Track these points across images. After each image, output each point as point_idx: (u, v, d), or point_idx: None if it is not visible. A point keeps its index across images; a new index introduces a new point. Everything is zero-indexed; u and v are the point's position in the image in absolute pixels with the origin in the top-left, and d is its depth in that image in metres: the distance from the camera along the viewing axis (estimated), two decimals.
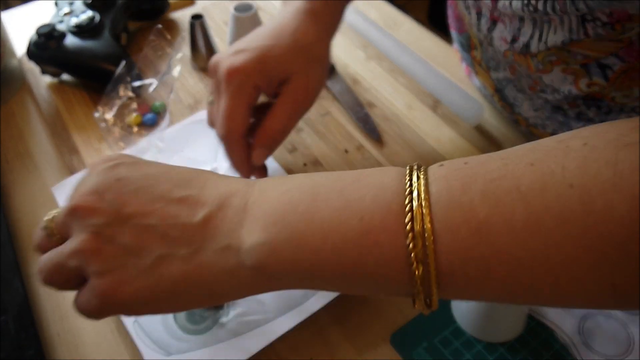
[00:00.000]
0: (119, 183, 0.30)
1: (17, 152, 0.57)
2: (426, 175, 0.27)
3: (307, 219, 0.27)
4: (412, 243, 0.25)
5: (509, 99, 0.53)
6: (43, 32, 0.57)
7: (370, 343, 0.41)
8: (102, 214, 0.29)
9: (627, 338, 0.41)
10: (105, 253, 0.29)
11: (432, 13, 1.97)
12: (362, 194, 0.27)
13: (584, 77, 0.43)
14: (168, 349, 0.39)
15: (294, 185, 0.29)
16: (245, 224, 0.29)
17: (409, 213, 0.25)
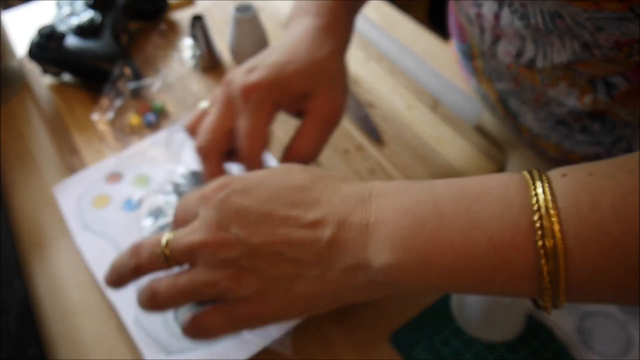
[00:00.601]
0: (239, 215, 0.31)
1: (17, 152, 0.57)
2: (551, 187, 0.27)
3: (434, 240, 0.28)
4: (544, 259, 0.25)
5: (513, 109, 0.52)
6: (43, 32, 0.57)
7: (370, 343, 0.41)
8: (234, 248, 0.31)
9: (627, 338, 0.41)
10: (244, 283, 0.31)
11: (432, 13, 1.97)
12: (488, 212, 0.27)
13: (589, 93, 0.42)
14: (168, 349, 0.39)
15: (413, 201, 0.29)
16: (370, 244, 0.29)
17: (539, 230, 0.26)
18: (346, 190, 0.32)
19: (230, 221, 0.31)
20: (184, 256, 0.33)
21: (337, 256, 0.30)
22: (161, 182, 0.50)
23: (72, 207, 0.49)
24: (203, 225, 0.32)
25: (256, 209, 0.31)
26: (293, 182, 0.33)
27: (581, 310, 0.42)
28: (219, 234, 0.31)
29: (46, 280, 0.46)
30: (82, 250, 0.46)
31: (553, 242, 0.25)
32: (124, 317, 0.41)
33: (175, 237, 0.33)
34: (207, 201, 0.33)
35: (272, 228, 0.31)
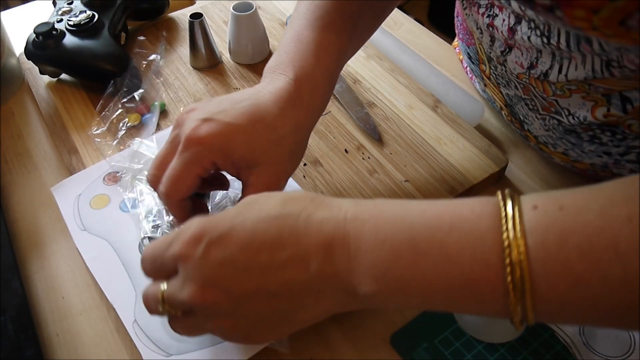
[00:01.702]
0: (223, 268, 0.32)
1: (16, 152, 0.57)
2: (522, 222, 0.28)
3: (411, 272, 0.30)
4: (512, 293, 0.28)
5: (519, 116, 0.52)
6: (41, 31, 0.57)
7: (370, 343, 0.41)
8: (226, 302, 0.32)
9: (627, 339, 0.40)
10: (242, 325, 0.33)
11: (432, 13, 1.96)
12: (461, 246, 0.29)
13: (603, 106, 0.42)
14: (168, 350, 0.39)
15: (388, 231, 0.31)
16: (354, 274, 0.31)
17: (508, 267, 0.28)
18: (321, 215, 0.32)
19: (217, 277, 0.32)
20: (181, 308, 0.34)
21: (327, 283, 0.32)
22: None
23: (71, 208, 0.49)
24: (189, 283, 0.32)
25: (237, 258, 0.32)
26: (267, 214, 0.32)
27: None
28: (207, 293, 0.32)
29: (44, 281, 0.46)
30: (80, 250, 0.46)
31: (520, 277, 0.27)
32: (123, 318, 0.41)
33: (169, 296, 0.34)
34: (186, 260, 0.32)
35: (260, 273, 0.31)
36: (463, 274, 0.29)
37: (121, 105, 0.58)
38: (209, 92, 0.60)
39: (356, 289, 0.31)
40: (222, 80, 0.62)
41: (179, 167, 0.39)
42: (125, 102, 0.58)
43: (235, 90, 0.60)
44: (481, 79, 0.56)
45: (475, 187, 0.50)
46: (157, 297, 0.34)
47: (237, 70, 0.63)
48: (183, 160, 0.38)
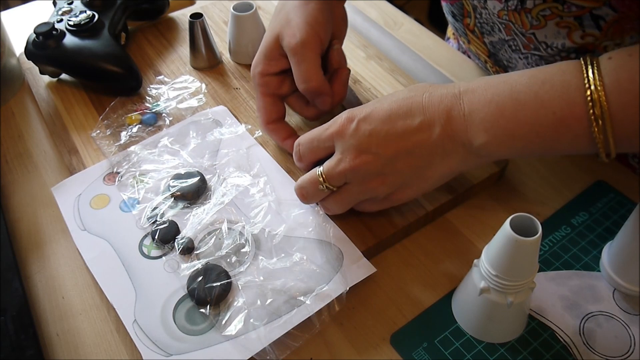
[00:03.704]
0: (371, 137, 0.41)
1: (16, 152, 0.57)
2: (599, 69, 0.36)
3: (514, 120, 0.38)
4: (594, 123, 0.36)
5: (503, 62, 0.58)
6: (41, 31, 0.57)
7: (370, 343, 0.41)
8: (377, 162, 0.41)
9: (627, 338, 0.40)
10: (389, 182, 0.42)
11: (432, 13, 1.96)
12: (552, 94, 0.37)
13: (577, 30, 0.47)
14: (168, 350, 0.39)
15: (494, 94, 0.39)
16: (469, 129, 0.40)
17: (590, 102, 0.35)
18: (440, 91, 0.41)
19: (367, 144, 0.41)
20: (339, 181, 0.43)
21: (449, 142, 0.40)
22: (159, 182, 0.50)
23: (71, 208, 0.49)
24: (347, 154, 0.42)
25: (380, 128, 0.41)
26: (397, 97, 0.42)
27: (582, 311, 0.42)
28: (363, 156, 0.41)
29: (45, 281, 0.46)
30: (80, 250, 0.46)
31: (600, 109, 0.35)
32: (123, 318, 0.41)
33: (327, 170, 0.43)
34: (342, 134, 0.42)
35: (398, 139, 0.41)
36: (555, 114, 0.37)
37: (122, 106, 0.58)
38: (209, 92, 0.60)
39: (472, 142, 0.40)
40: (222, 80, 0.62)
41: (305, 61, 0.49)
42: (125, 102, 0.58)
43: (236, 91, 0.61)
44: (465, 36, 0.61)
45: (475, 187, 0.50)
46: (315, 179, 0.43)
47: (237, 70, 0.63)
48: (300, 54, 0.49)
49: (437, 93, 0.41)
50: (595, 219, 0.48)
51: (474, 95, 0.40)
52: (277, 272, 0.43)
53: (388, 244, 0.47)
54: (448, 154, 0.41)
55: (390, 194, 0.43)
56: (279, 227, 0.46)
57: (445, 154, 0.41)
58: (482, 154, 0.40)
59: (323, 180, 0.43)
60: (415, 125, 0.40)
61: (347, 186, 0.43)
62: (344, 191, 0.44)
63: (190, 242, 0.45)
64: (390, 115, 0.41)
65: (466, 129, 0.40)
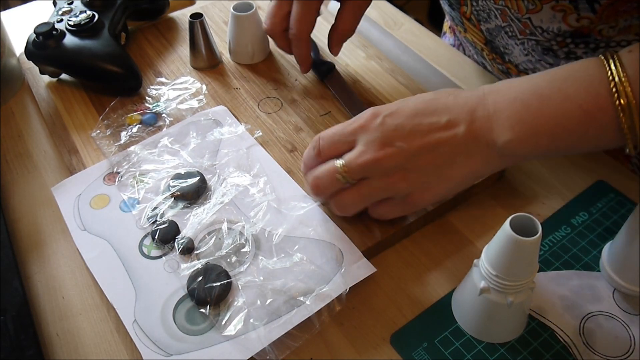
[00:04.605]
0: (396, 131, 0.41)
1: (16, 152, 0.57)
2: (621, 62, 0.36)
3: (539, 115, 0.38)
4: (621, 114, 0.36)
5: (499, 49, 0.59)
6: (41, 31, 0.57)
7: (370, 343, 0.41)
8: (400, 156, 0.41)
9: (627, 338, 0.40)
10: (410, 180, 0.41)
11: (432, 13, 1.96)
12: (576, 88, 0.37)
13: (572, 13, 0.48)
14: (168, 350, 0.39)
15: (518, 91, 0.40)
16: (494, 128, 0.40)
17: (615, 94, 0.35)
18: (465, 94, 0.42)
19: (391, 137, 0.41)
20: (359, 173, 0.42)
21: (472, 142, 0.40)
22: (159, 182, 0.50)
23: (71, 207, 0.49)
24: (370, 146, 0.41)
25: (407, 123, 0.41)
26: (424, 98, 0.43)
27: (582, 311, 0.42)
28: (386, 149, 0.41)
29: (45, 281, 0.46)
30: (80, 250, 0.46)
31: (626, 100, 0.35)
32: (123, 318, 0.41)
33: (348, 161, 0.42)
34: (367, 128, 0.42)
35: (423, 135, 0.41)
36: (581, 108, 0.37)
37: (122, 106, 0.58)
38: (209, 92, 0.60)
39: (496, 142, 0.39)
40: (222, 80, 0.62)
41: (301, 8, 0.52)
42: (125, 103, 0.58)
43: (236, 91, 0.61)
44: (461, 24, 0.62)
45: (475, 187, 0.50)
46: (333, 170, 0.42)
47: (237, 70, 0.63)
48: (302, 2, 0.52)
49: (462, 95, 0.42)
50: (595, 219, 0.48)
51: (499, 94, 0.40)
52: (277, 272, 0.43)
53: (388, 244, 0.47)
54: (471, 155, 0.41)
55: (408, 194, 0.42)
56: (279, 227, 0.46)
57: (468, 154, 0.41)
58: (506, 152, 0.40)
59: (342, 172, 0.42)
60: (440, 123, 0.41)
61: (366, 180, 0.42)
62: (363, 185, 0.43)
63: (190, 242, 0.45)
64: (417, 113, 0.42)
65: (491, 128, 0.40)
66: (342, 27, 0.55)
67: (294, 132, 0.55)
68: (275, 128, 0.56)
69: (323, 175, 0.43)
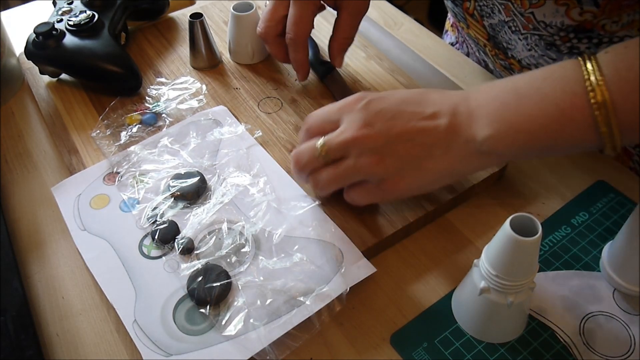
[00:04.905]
0: (379, 114, 0.42)
1: (16, 152, 0.57)
2: (597, 62, 0.36)
3: (518, 113, 0.39)
4: (597, 111, 0.36)
5: (502, 44, 0.59)
6: (41, 31, 0.57)
7: (370, 343, 0.41)
8: (379, 138, 0.41)
9: (627, 339, 0.40)
10: (386, 165, 0.42)
11: (432, 13, 1.96)
12: (553, 87, 0.38)
13: (576, 7, 0.48)
14: (168, 350, 0.39)
15: (499, 90, 0.40)
16: (473, 124, 0.40)
17: (591, 92, 0.36)
18: (450, 92, 0.43)
19: (373, 119, 0.42)
20: (338, 152, 0.43)
21: (452, 136, 0.41)
22: (158, 182, 0.50)
23: (71, 207, 0.49)
24: (352, 125, 0.42)
25: (390, 109, 0.42)
26: (412, 91, 0.44)
27: (582, 311, 0.42)
28: (367, 129, 0.42)
29: (45, 281, 0.46)
30: (80, 250, 0.46)
31: (602, 97, 0.35)
32: (123, 318, 0.41)
33: (329, 139, 0.43)
34: (351, 109, 0.43)
35: (404, 122, 0.42)
36: (557, 106, 0.37)
37: (122, 106, 0.58)
38: (209, 92, 0.60)
39: (475, 137, 0.40)
40: (222, 80, 0.62)
41: (296, 10, 0.53)
42: (125, 102, 0.58)
43: (236, 91, 0.61)
44: (464, 20, 0.62)
45: (475, 187, 0.50)
46: (314, 146, 0.43)
47: (237, 70, 0.63)
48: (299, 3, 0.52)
49: (447, 93, 0.43)
50: (595, 219, 0.48)
51: (480, 94, 0.41)
52: (277, 272, 0.43)
53: (388, 244, 0.47)
54: (450, 149, 0.41)
55: (383, 180, 0.43)
56: (279, 227, 0.46)
57: (447, 147, 0.41)
58: (485, 149, 0.40)
59: (321, 149, 0.43)
60: (423, 114, 0.42)
61: (343, 160, 0.43)
62: (339, 164, 0.43)
63: (190, 242, 0.45)
64: (402, 101, 0.43)
65: (470, 124, 0.40)
66: (342, 35, 0.56)
67: (294, 132, 0.55)
68: (275, 128, 0.56)
69: (304, 150, 0.45)
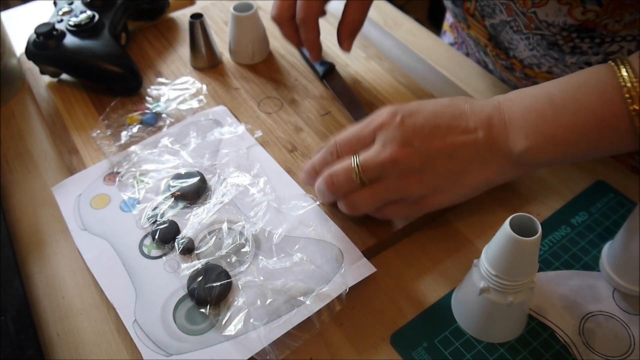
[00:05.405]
0: (415, 132, 0.41)
1: (17, 152, 0.57)
2: (632, 68, 0.36)
3: (555, 124, 0.38)
4: (636, 118, 0.36)
5: (504, 44, 0.59)
6: (42, 31, 0.57)
7: (370, 343, 0.41)
8: (418, 158, 0.41)
9: (627, 338, 0.40)
10: (426, 183, 0.42)
11: (432, 13, 1.96)
12: (590, 96, 0.37)
13: (578, 6, 0.48)
14: (168, 350, 0.39)
15: (532, 101, 0.40)
16: (509, 136, 0.40)
17: (629, 99, 0.36)
18: (480, 102, 0.42)
19: (411, 137, 0.41)
20: (375, 173, 0.42)
21: (490, 150, 0.41)
22: (159, 182, 0.50)
23: (71, 207, 0.49)
24: (388, 145, 0.41)
25: (425, 125, 0.41)
26: (441, 102, 0.43)
27: (582, 310, 0.42)
28: (405, 149, 0.41)
29: (45, 281, 0.46)
30: (81, 250, 0.46)
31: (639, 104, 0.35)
32: (123, 317, 0.41)
33: (365, 160, 0.42)
34: (387, 127, 0.42)
35: (442, 137, 0.41)
36: (595, 115, 0.37)
37: (122, 106, 0.58)
38: (209, 92, 0.60)
39: (512, 150, 0.40)
40: (222, 80, 0.62)
41: None
42: (126, 103, 0.58)
43: (236, 91, 0.61)
44: (465, 21, 0.62)
45: None
46: (350, 168, 0.42)
47: (237, 71, 0.63)
48: None
49: (477, 104, 0.42)
50: (595, 219, 0.48)
51: (513, 104, 0.41)
52: (277, 272, 0.43)
53: (388, 244, 0.47)
54: (487, 163, 0.41)
55: (421, 197, 0.42)
56: (279, 226, 0.46)
57: (484, 161, 0.41)
58: (523, 161, 0.40)
59: (358, 171, 0.42)
60: (460, 127, 0.41)
61: (381, 181, 0.42)
62: (378, 185, 0.42)
63: (190, 242, 0.45)
64: (436, 116, 0.42)
65: (507, 137, 0.40)
66: (351, 17, 0.54)
67: (294, 132, 0.55)
68: (275, 128, 0.56)
69: (339, 172, 0.43)
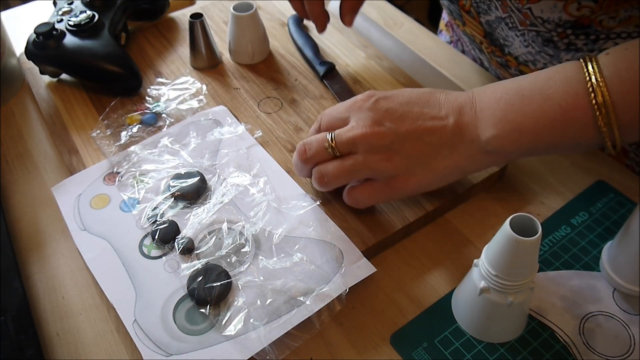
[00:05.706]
0: (388, 113, 0.43)
1: (17, 152, 0.57)
2: (598, 64, 0.38)
3: (522, 114, 0.40)
4: (597, 111, 0.37)
5: (499, 41, 0.59)
6: (41, 31, 0.57)
7: (370, 343, 0.41)
8: (387, 137, 0.42)
9: (627, 338, 0.40)
10: (395, 162, 0.43)
11: (432, 13, 1.96)
12: (556, 88, 0.39)
13: (573, 2, 0.49)
14: (168, 350, 0.39)
15: (503, 91, 0.42)
16: (479, 124, 0.42)
17: (592, 93, 0.37)
18: (455, 93, 0.44)
19: (382, 118, 0.43)
20: (347, 147, 0.43)
21: (459, 136, 0.42)
22: (159, 182, 0.50)
23: (71, 207, 0.49)
24: (361, 123, 0.43)
25: (399, 108, 0.43)
26: (418, 91, 0.45)
27: (582, 311, 0.42)
28: (375, 127, 0.42)
29: (45, 281, 0.46)
30: (81, 250, 0.46)
31: (602, 98, 0.37)
32: (123, 317, 0.41)
33: (338, 134, 0.44)
34: (359, 107, 0.44)
35: (413, 121, 0.43)
36: (560, 106, 0.39)
37: (122, 106, 0.58)
38: (209, 92, 0.60)
39: (480, 137, 0.41)
40: (222, 80, 0.62)
41: None
42: (125, 103, 0.58)
43: (236, 91, 0.61)
44: (460, 18, 0.62)
45: (475, 187, 0.50)
46: (323, 138, 0.44)
47: (237, 71, 0.63)
48: None
49: (452, 93, 0.44)
50: (595, 219, 0.48)
51: (485, 94, 0.42)
52: (277, 272, 0.43)
53: (388, 244, 0.47)
54: (456, 147, 0.42)
55: (392, 178, 0.43)
56: (279, 226, 0.46)
57: (453, 146, 0.42)
58: (490, 149, 0.41)
59: (331, 141, 0.44)
60: (431, 114, 0.43)
61: (352, 155, 0.43)
62: (347, 159, 0.44)
63: (190, 242, 0.45)
64: (410, 101, 0.44)
65: (476, 124, 0.42)
66: None
67: (294, 132, 0.55)
68: (275, 128, 0.56)
69: (313, 141, 0.45)
